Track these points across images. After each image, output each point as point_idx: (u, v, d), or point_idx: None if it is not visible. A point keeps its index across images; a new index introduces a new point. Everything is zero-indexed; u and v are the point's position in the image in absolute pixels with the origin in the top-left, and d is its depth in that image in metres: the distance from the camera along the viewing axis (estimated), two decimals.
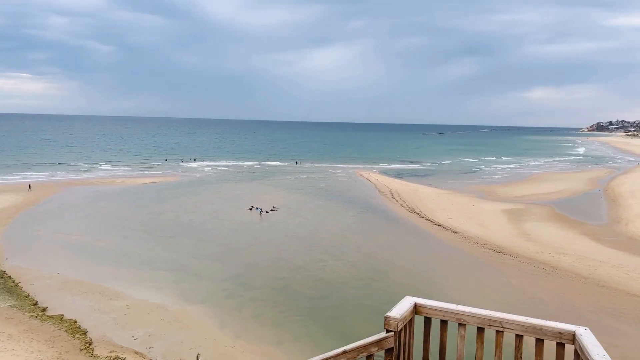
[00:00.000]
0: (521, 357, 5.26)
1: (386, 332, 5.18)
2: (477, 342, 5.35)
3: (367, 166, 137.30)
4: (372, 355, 5.07)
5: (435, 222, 61.93)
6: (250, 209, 67.50)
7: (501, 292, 38.28)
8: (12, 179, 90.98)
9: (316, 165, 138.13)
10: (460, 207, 71.32)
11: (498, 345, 5.27)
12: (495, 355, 5.33)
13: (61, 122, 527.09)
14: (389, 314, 5.23)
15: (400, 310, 5.30)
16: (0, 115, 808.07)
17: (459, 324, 5.37)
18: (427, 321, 5.53)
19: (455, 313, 5.33)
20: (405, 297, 5.56)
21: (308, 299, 36.13)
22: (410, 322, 5.43)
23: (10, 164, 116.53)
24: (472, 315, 5.26)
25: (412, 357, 5.46)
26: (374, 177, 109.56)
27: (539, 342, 5.10)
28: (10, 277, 37.69)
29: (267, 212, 66.72)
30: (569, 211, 69.16)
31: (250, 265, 43.20)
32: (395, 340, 5.13)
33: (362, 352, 4.96)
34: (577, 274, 41.75)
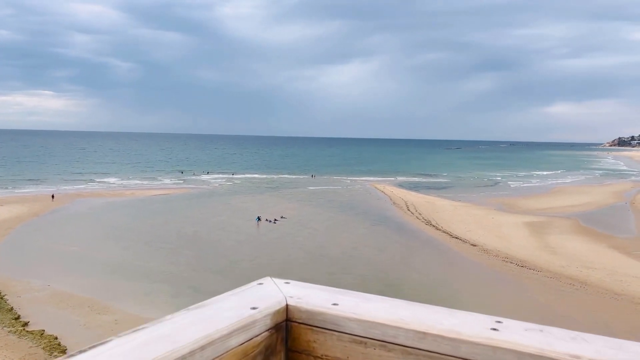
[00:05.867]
0: None
1: None
2: None
3: (383, 179, 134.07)
4: None
5: (453, 235, 58.56)
6: (258, 219, 65.02)
7: (526, 309, 34.83)
8: (19, 192, 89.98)
9: (332, 178, 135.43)
10: (479, 220, 67.82)
11: None
12: None
13: (80, 138, 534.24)
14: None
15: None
16: (22, 132, 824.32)
17: None
18: None
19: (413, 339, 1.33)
20: (264, 279, 1.86)
21: None
22: None
23: (18, 178, 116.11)
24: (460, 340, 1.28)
25: None
26: (389, 189, 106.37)
27: None
28: None
29: (274, 221, 64.24)
30: (596, 224, 65.17)
31: (253, 279, 39.89)
32: None
33: None
34: (609, 290, 38.13)
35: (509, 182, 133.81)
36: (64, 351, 26.12)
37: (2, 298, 33.65)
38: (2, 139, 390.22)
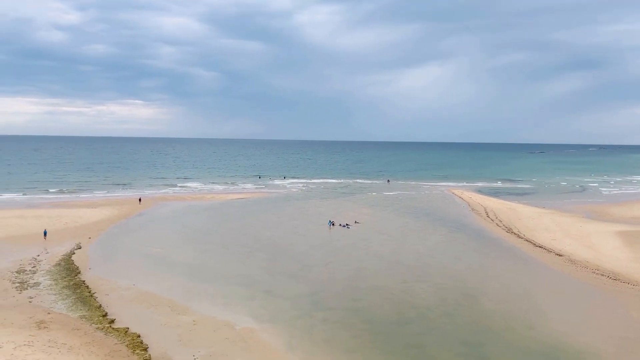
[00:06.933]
0: None
1: None
2: None
3: (461, 184, 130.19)
4: None
5: (536, 244, 55.44)
6: (331, 224, 65.07)
7: (618, 325, 32.12)
8: (110, 195, 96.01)
9: (408, 183, 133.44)
10: (565, 228, 63.78)
11: None
12: None
13: (166, 144, 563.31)
14: None
15: None
16: (115, 139, 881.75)
17: None
18: None
19: None
20: None
21: (386, 323, 32.46)
22: None
23: (109, 182, 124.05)
24: None
25: None
26: (467, 195, 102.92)
27: None
28: (87, 287, 37.76)
29: (347, 226, 64.16)
30: None
31: (326, 284, 40.28)
32: None
33: None
34: None
35: (601, 188, 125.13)
36: (145, 349, 27.26)
37: (92, 296, 35.77)
38: (97, 146, 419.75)
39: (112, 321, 31.24)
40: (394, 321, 32.78)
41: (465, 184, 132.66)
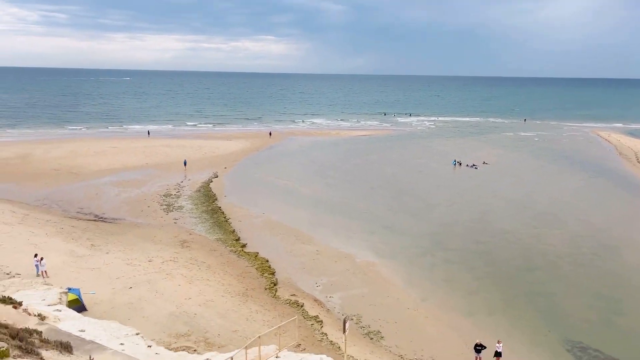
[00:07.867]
0: None
1: None
2: None
3: (608, 126, 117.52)
4: None
5: None
6: (457, 164, 62.83)
7: None
8: (244, 129, 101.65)
9: (547, 123, 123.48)
10: None
11: None
12: None
13: (294, 80, 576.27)
14: None
15: None
16: (249, 74, 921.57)
17: None
18: None
19: None
20: None
21: (512, 268, 31.26)
22: None
23: (242, 116, 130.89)
24: None
25: None
26: (615, 137, 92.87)
27: None
28: (223, 212, 40.99)
29: (473, 166, 61.61)
30: None
31: (449, 224, 39.48)
32: None
33: None
34: None
35: None
36: (272, 273, 29.24)
37: (226, 221, 38.85)
38: (232, 82, 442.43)
39: (244, 245, 33.79)
40: (519, 267, 31.46)
41: (613, 124, 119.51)
